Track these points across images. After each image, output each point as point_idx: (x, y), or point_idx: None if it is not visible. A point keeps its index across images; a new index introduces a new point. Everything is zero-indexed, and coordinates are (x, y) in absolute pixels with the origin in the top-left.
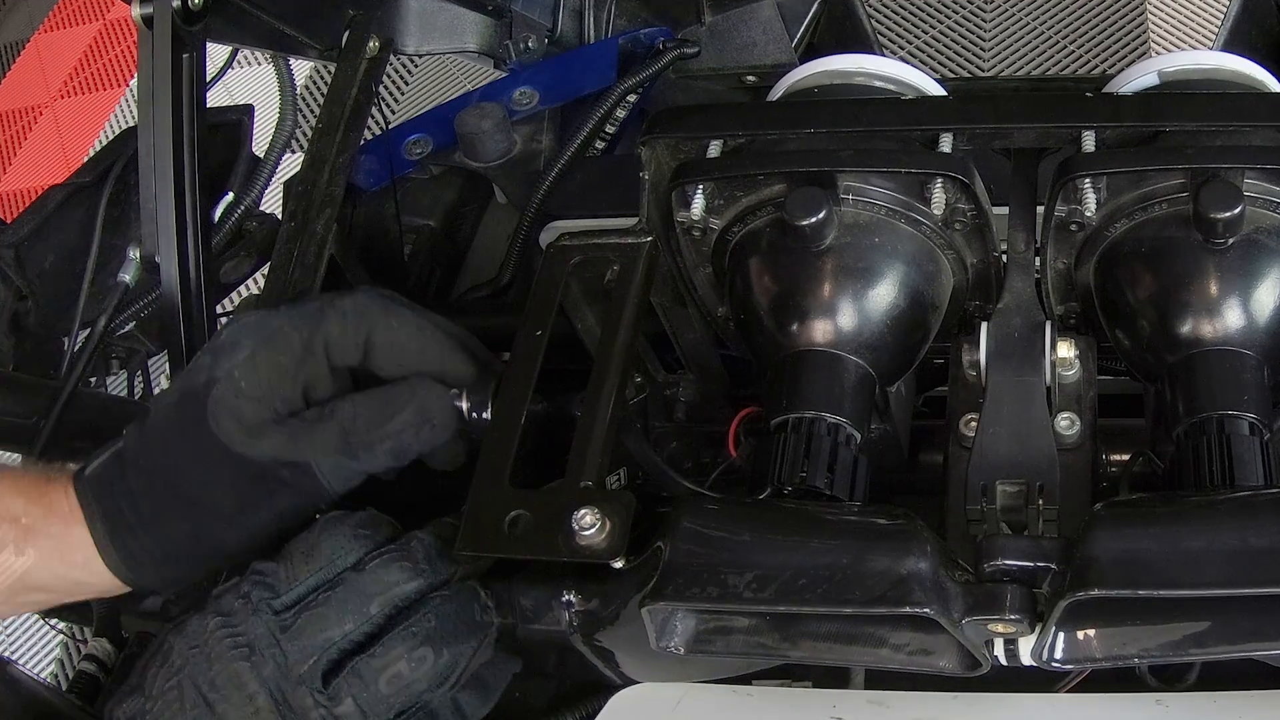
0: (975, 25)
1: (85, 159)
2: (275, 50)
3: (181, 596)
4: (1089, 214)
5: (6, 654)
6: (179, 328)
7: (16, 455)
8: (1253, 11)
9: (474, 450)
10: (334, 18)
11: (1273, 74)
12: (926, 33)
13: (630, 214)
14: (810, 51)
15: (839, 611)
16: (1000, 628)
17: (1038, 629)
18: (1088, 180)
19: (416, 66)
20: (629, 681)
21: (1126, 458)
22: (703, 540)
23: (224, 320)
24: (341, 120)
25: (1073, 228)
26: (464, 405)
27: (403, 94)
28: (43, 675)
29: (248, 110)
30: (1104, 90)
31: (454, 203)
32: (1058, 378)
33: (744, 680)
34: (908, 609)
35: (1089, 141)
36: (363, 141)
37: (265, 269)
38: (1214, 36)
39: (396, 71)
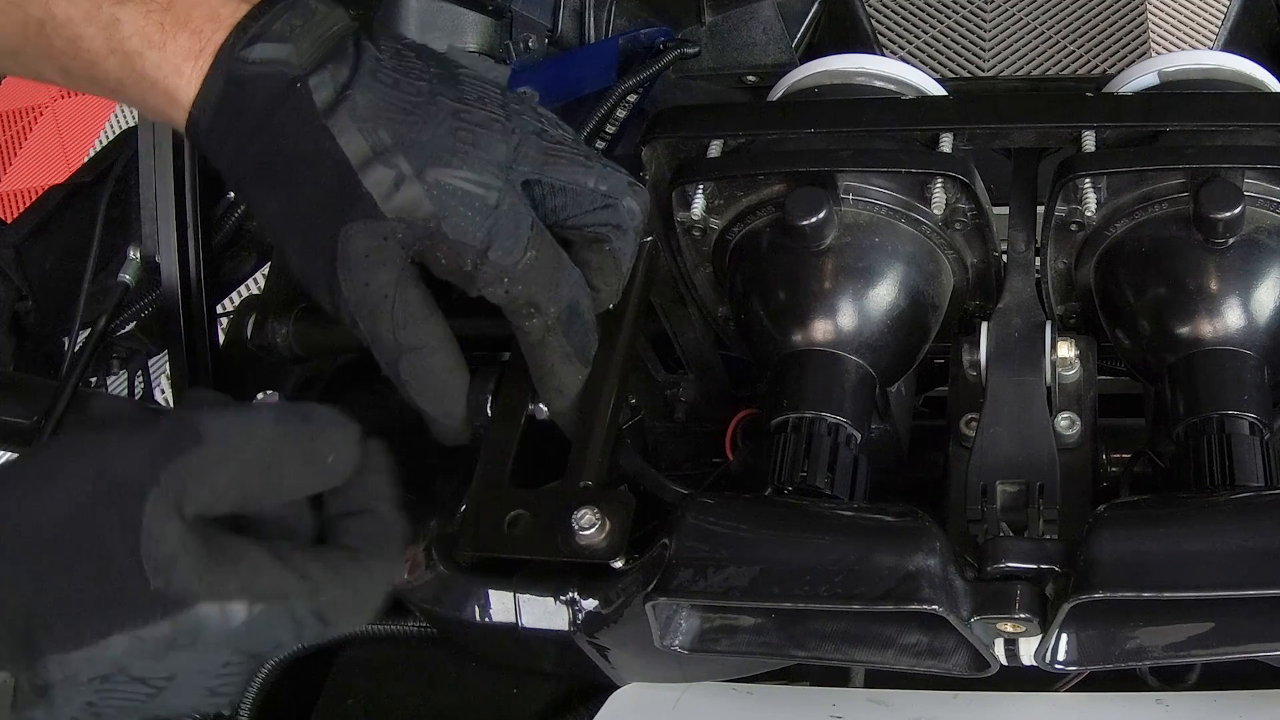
0: (975, 25)
1: (85, 159)
2: None
3: None
4: (1089, 214)
5: None
6: (179, 328)
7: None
8: (1253, 11)
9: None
10: None
11: (1273, 74)
12: (926, 33)
13: None
14: (810, 51)
15: (845, 608)
16: (1009, 627)
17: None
18: (1088, 180)
19: None
20: (630, 681)
21: (1127, 458)
22: (707, 536)
23: (224, 320)
24: None
25: (1073, 228)
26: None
27: None
28: None
29: None
30: (1104, 90)
31: None
32: (1058, 378)
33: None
34: (915, 606)
35: (1089, 141)
36: None
37: (265, 269)
38: (1214, 36)
39: None
